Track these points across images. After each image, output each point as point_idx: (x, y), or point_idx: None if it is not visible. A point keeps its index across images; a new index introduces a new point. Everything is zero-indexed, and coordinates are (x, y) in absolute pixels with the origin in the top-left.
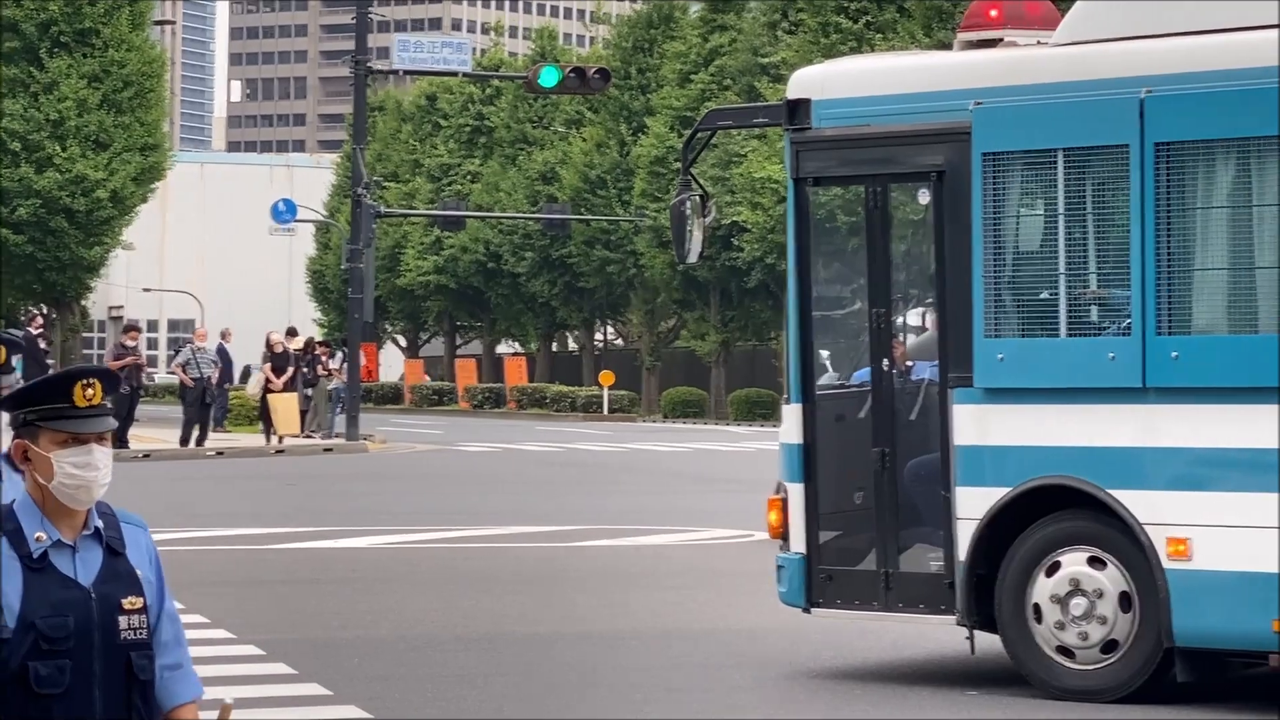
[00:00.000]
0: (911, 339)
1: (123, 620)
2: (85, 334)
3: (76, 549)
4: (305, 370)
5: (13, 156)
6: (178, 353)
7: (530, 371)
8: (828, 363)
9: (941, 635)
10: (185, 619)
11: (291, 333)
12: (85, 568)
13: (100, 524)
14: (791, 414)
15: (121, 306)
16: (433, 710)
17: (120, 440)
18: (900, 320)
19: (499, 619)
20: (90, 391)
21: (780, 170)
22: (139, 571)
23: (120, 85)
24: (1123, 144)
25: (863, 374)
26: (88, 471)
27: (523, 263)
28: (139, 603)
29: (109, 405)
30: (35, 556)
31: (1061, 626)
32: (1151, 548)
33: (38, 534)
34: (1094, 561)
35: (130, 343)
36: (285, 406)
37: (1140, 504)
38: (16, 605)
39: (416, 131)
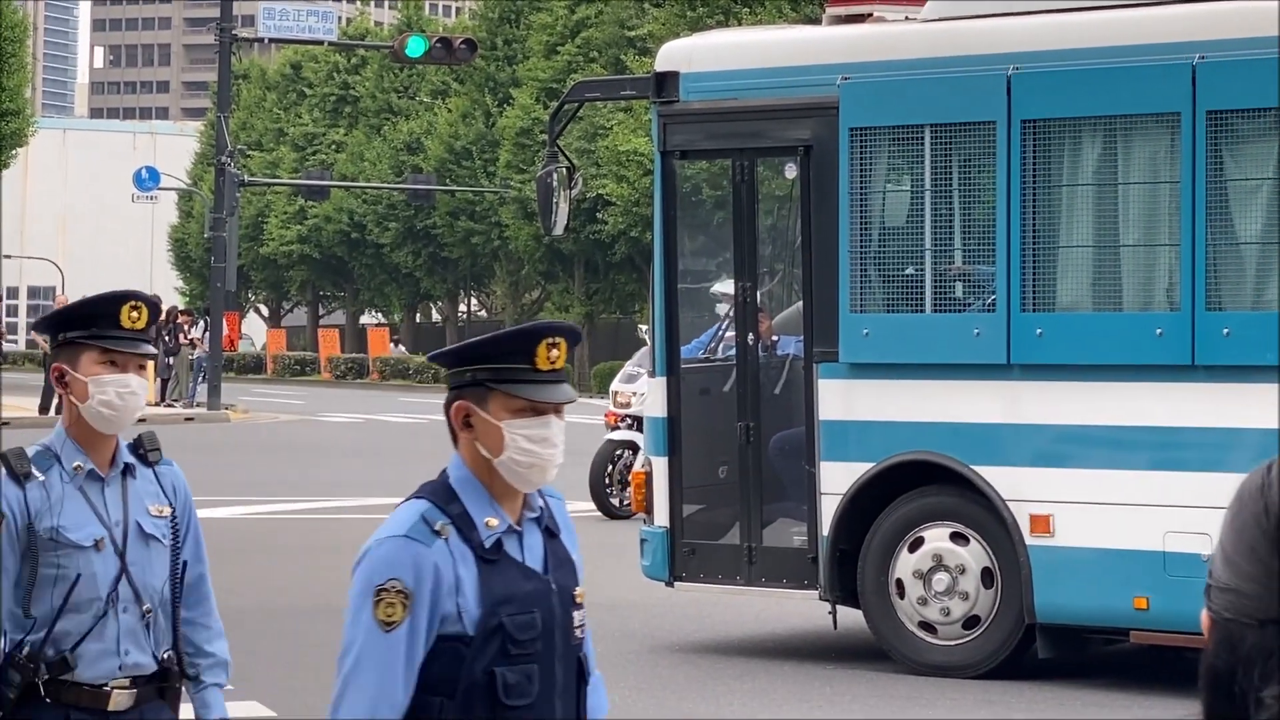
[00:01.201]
0: (777, 313)
1: (576, 615)
2: None
3: (522, 533)
4: (167, 339)
5: None
6: (38, 320)
7: (394, 340)
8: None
9: (804, 610)
10: None
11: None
12: (532, 555)
13: (540, 502)
14: (656, 387)
15: None
16: (293, 680)
17: None
18: (766, 294)
19: None
20: (555, 353)
21: (646, 143)
22: (574, 555)
23: None
24: (989, 120)
25: (700, 342)
26: (544, 448)
27: (387, 233)
28: (583, 594)
29: (564, 372)
30: (488, 545)
31: (924, 602)
32: (1014, 524)
33: (488, 518)
34: (957, 537)
35: None
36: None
37: (1003, 480)
38: (475, 604)
39: (281, 100)
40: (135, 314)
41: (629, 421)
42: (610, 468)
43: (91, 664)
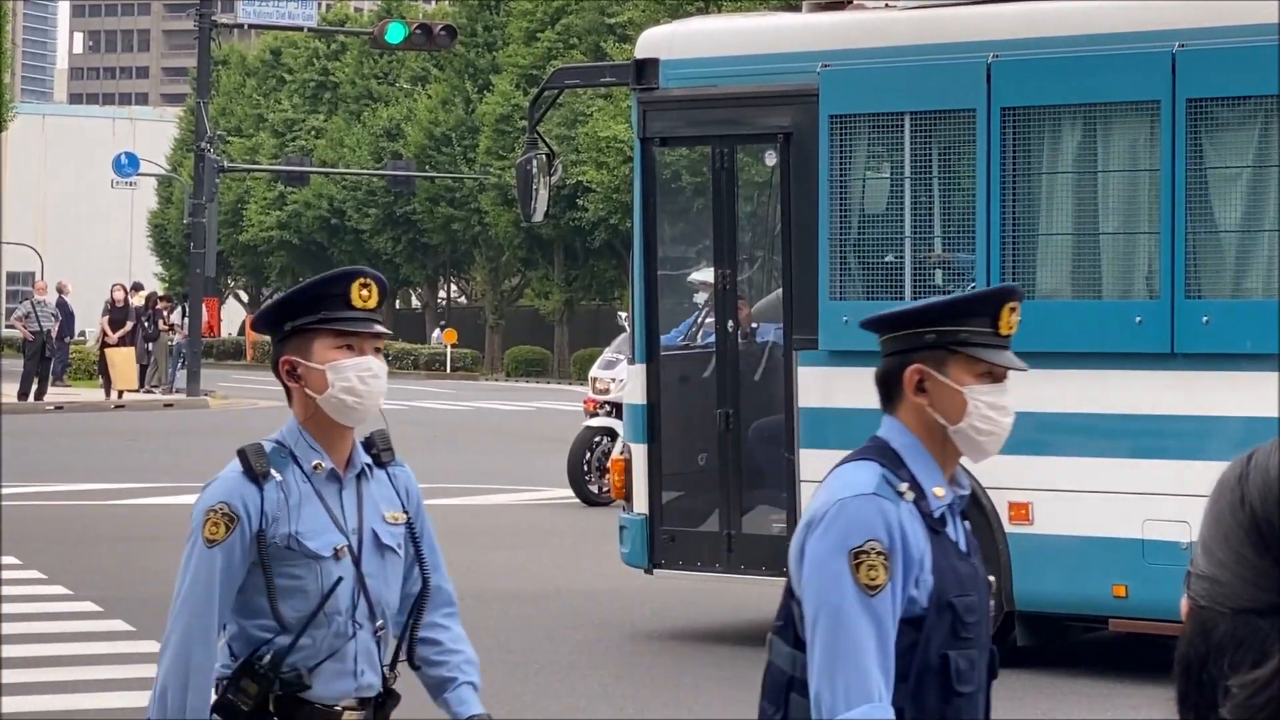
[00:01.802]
0: (757, 300)
1: (991, 605)
2: None
3: (952, 508)
4: (146, 325)
5: None
6: (17, 306)
7: None
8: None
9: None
10: (21, 575)
11: (136, 288)
12: (958, 533)
13: (968, 480)
14: (635, 374)
15: None
16: None
17: None
18: (746, 282)
19: None
20: (1015, 317)
21: (626, 130)
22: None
23: None
24: (969, 108)
25: (680, 329)
26: (1003, 416)
27: (366, 219)
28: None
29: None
30: (936, 516)
31: None
32: (993, 511)
33: (936, 488)
34: None
35: None
36: (122, 360)
37: (981, 468)
38: (930, 577)
39: (261, 86)
40: (365, 292)
41: (608, 408)
42: (588, 455)
43: (328, 683)
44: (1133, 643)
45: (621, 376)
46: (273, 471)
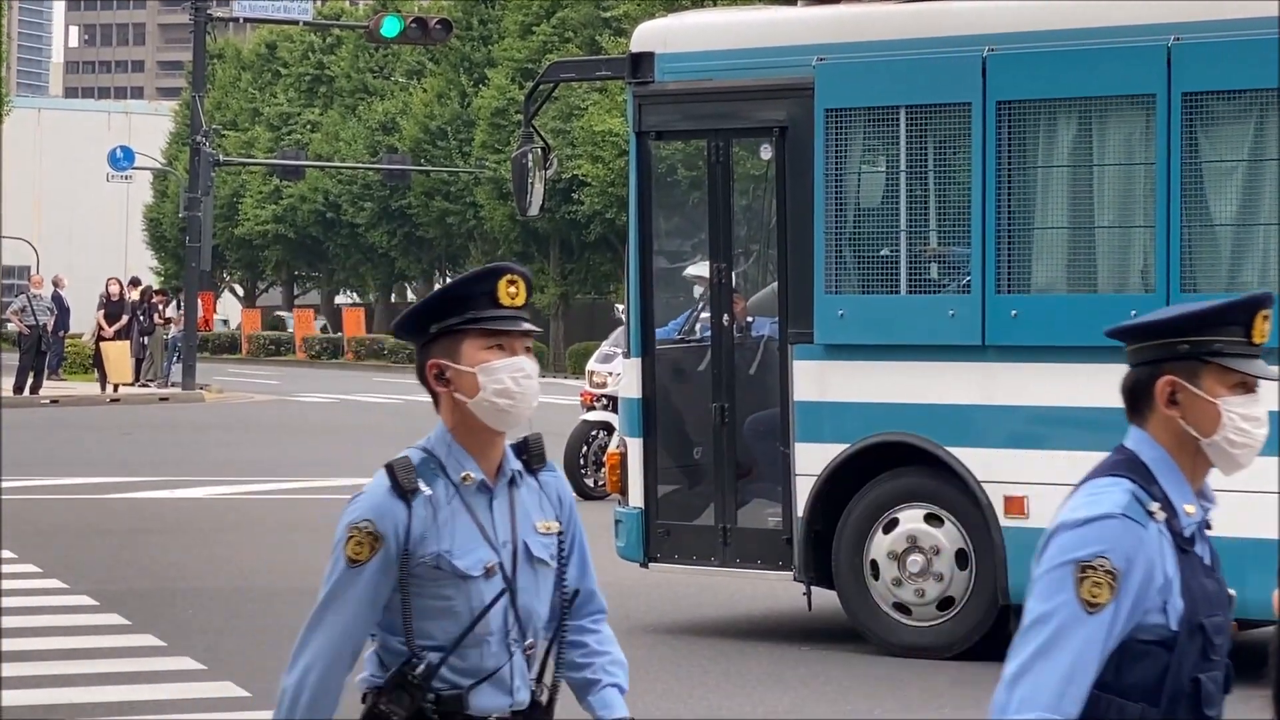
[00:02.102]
0: (752, 295)
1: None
2: None
3: (1199, 526)
4: (141, 319)
5: None
6: (13, 300)
7: (369, 322)
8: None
9: (779, 591)
10: (17, 569)
11: (134, 282)
12: (1207, 552)
13: (1213, 496)
14: (631, 368)
15: None
16: (267, 661)
17: None
18: (741, 275)
19: None
20: (1268, 326)
21: (621, 124)
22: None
23: None
24: (964, 102)
25: (676, 323)
26: (1257, 428)
27: (362, 213)
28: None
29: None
30: (1187, 535)
31: (898, 583)
32: (989, 505)
33: (1187, 506)
34: (931, 519)
35: None
36: (117, 354)
37: (978, 462)
38: (1180, 599)
39: (256, 80)
40: (513, 289)
41: (604, 402)
42: (585, 448)
43: (484, 700)
44: None
45: (618, 370)
46: (421, 486)
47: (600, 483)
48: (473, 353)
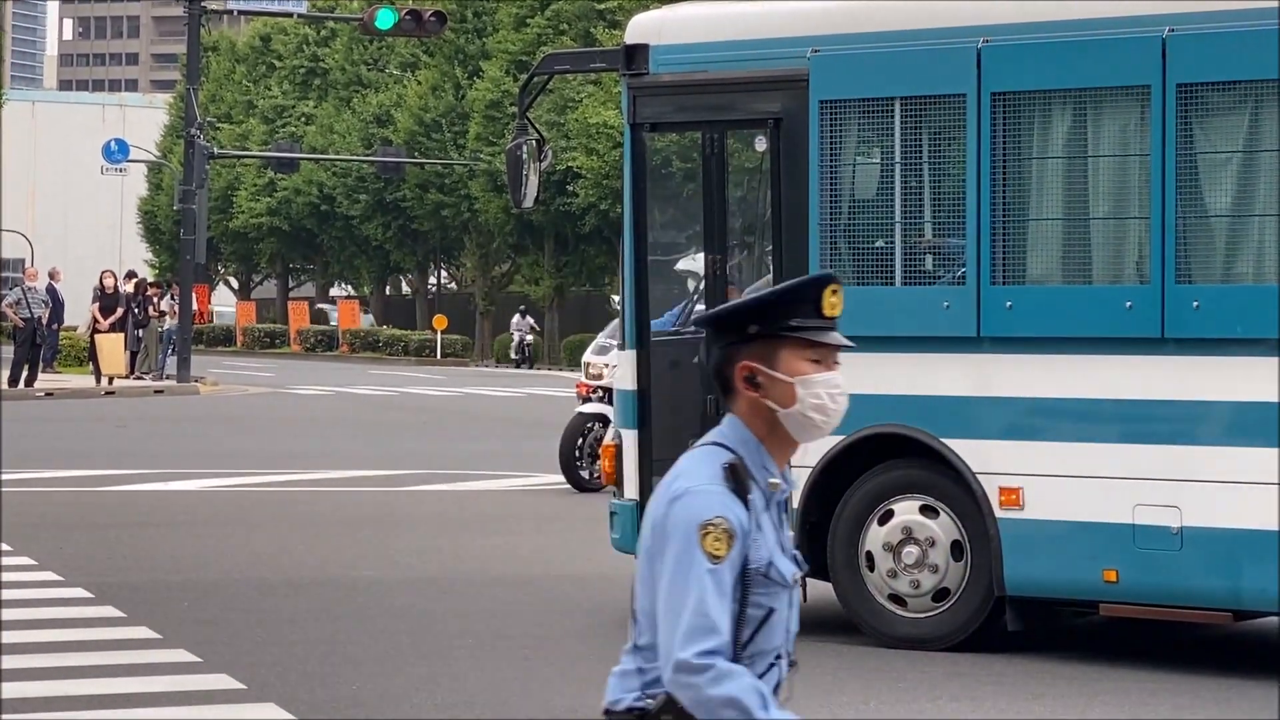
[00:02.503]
0: (747, 286)
1: None
2: None
3: None
4: (136, 311)
5: None
6: (8, 292)
7: (366, 313)
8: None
9: None
10: (12, 561)
11: (130, 275)
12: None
13: None
14: (625, 360)
15: None
16: (263, 653)
17: None
18: (736, 267)
19: (329, 563)
20: (836, 299)
21: (616, 116)
22: None
23: None
24: (959, 93)
25: (671, 315)
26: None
27: (356, 205)
28: None
29: None
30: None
31: (893, 574)
32: (984, 497)
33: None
34: (926, 510)
35: None
36: (111, 347)
37: (973, 453)
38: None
39: (250, 73)
40: (835, 299)
41: (600, 394)
42: (580, 440)
43: None
44: (1124, 627)
45: (614, 362)
46: (752, 490)
47: (596, 475)
48: (792, 362)
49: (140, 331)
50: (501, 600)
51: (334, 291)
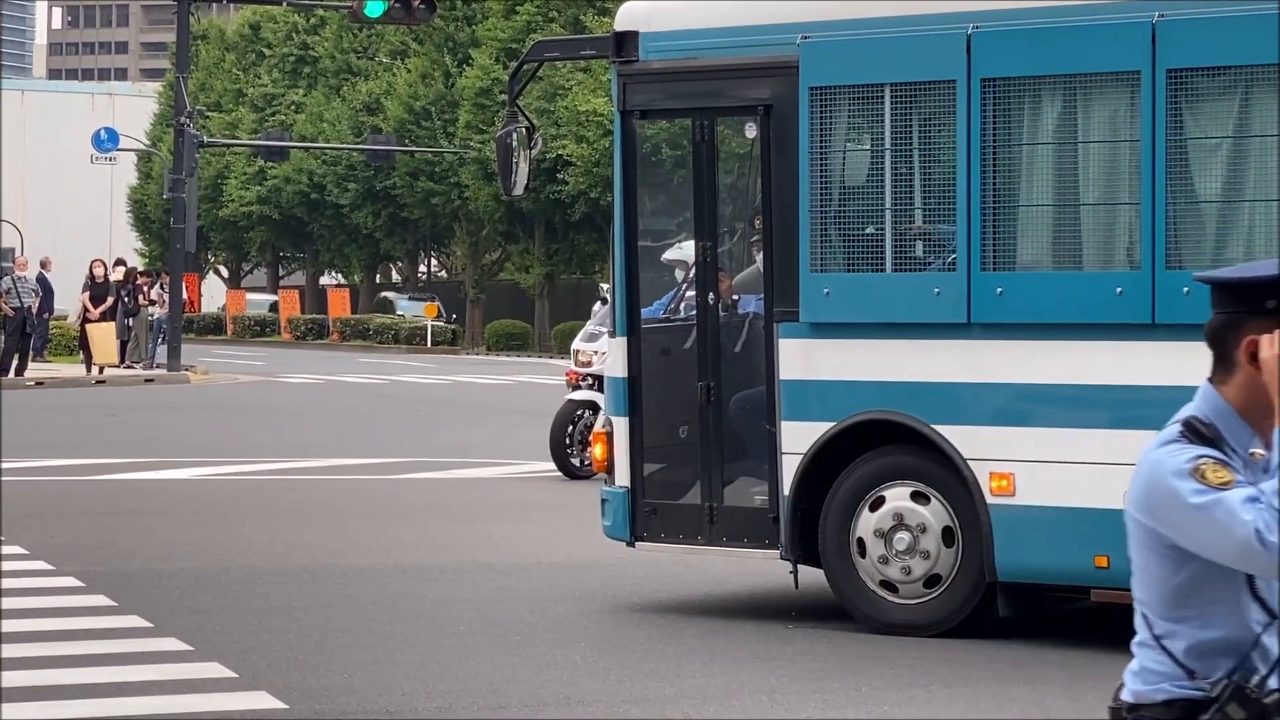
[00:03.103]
0: (738, 273)
1: None
2: None
3: None
4: (126, 300)
5: None
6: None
7: (353, 303)
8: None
9: (765, 569)
10: (3, 551)
11: (119, 263)
12: None
13: None
14: (617, 348)
15: None
16: (254, 641)
17: None
18: (726, 254)
19: (320, 551)
20: None
21: (606, 103)
22: None
23: None
24: (949, 79)
25: (661, 302)
26: None
27: (346, 194)
28: None
29: None
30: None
31: (885, 561)
32: (975, 483)
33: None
34: (917, 496)
35: None
36: (102, 336)
37: (964, 439)
38: None
39: (240, 61)
40: None
41: (590, 381)
42: (571, 428)
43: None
44: (1115, 613)
45: (603, 349)
46: (1224, 444)
47: (586, 462)
48: None
49: (130, 320)
50: (493, 587)
51: (324, 280)
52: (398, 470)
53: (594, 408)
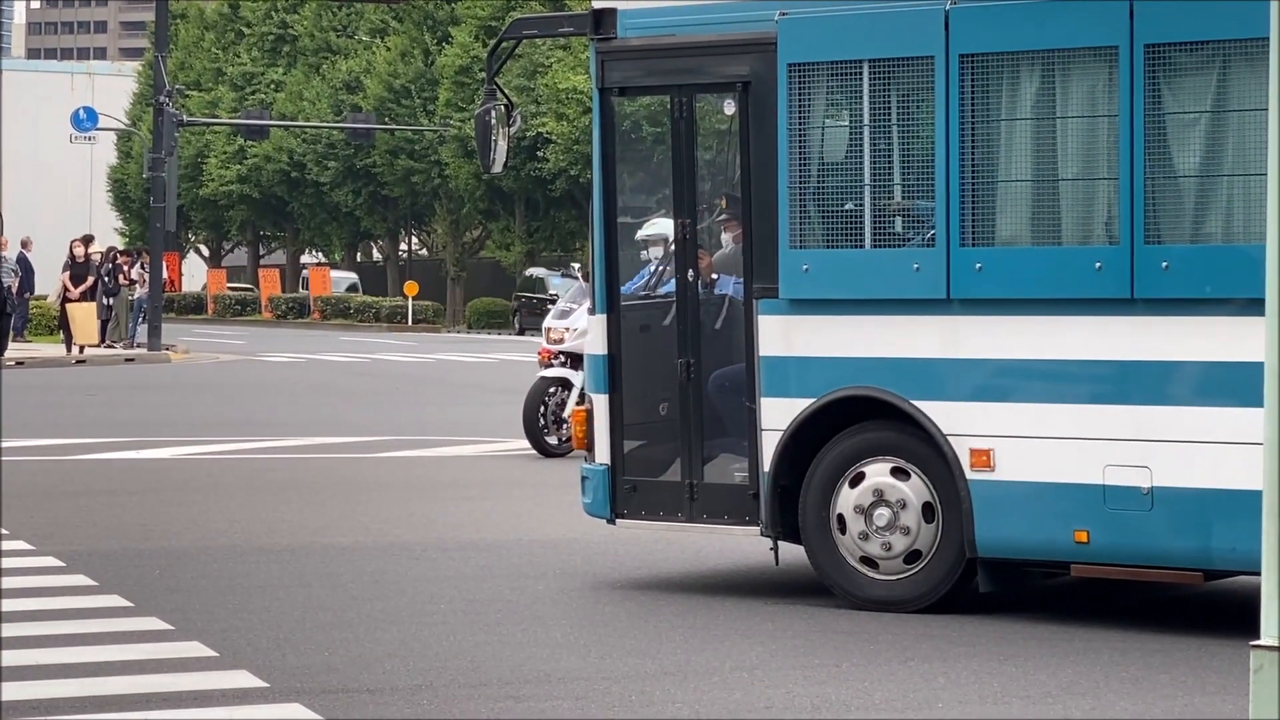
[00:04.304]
0: (717, 250)
1: None
2: None
3: None
4: (106, 280)
5: None
6: None
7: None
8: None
9: (746, 546)
10: None
11: (88, 240)
12: None
13: None
14: (596, 325)
15: None
16: (235, 620)
17: None
18: (705, 231)
19: (301, 530)
20: None
21: (585, 81)
22: None
23: None
24: (928, 55)
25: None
26: None
27: (327, 172)
28: None
29: None
30: None
31: (865, 537)
32: (955, 458)
33: None
34: (897, 472)
35: None
36: (83, 316)
37: (944, 415)
38: None
39: (219, 40)
40: None
41: (562, 359)
42: (543, 406)
43: None
44: (1095, 587)
45: (575, 326)
46: None
47: (565, 439)
48: None
49: (110, 300)
50: (473, 565)
51: (304, 259)
52: (379, 449)
53: (566, 385)
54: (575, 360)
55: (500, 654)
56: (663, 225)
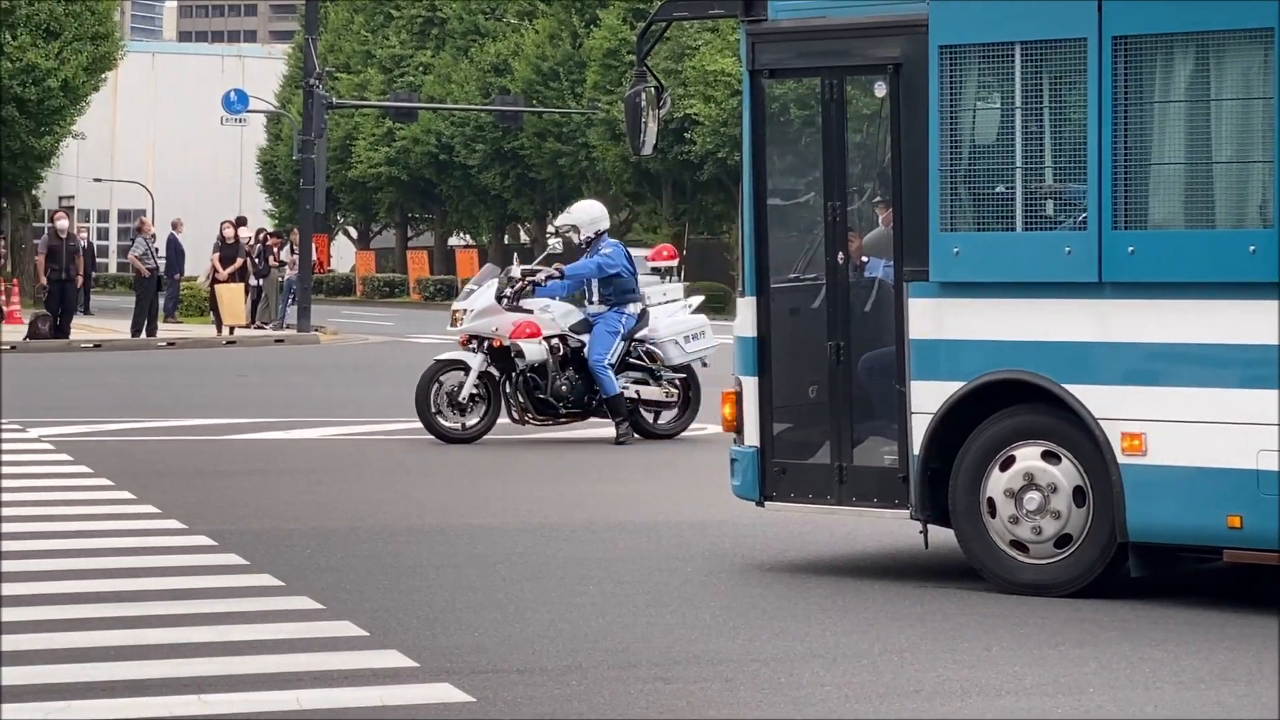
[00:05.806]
0: (867, 233)
1: None
2: (36, 224)
3: None
4: (256, 261)
5: None
6: (132, 243)
7: (483, 263)
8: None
9: (895, 529)
10: (137, 509)
11: (241, 222)
12: None
13: None
14: (745, 307)
15: (72, 196)
16: (385, 600)
17: (63, 330)
18: (856, 213)
19: (451, 510)
20: None
21: (734, 63)
22: None
23: None
24: (1080, 37)
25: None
26: None
27: (474, 155)
28: None
29: None
30: None
31: (1015, 521)
32: (1106, 442)
33: None
34: (1048, 456)
35: (62, 229)
36: (231, 297)
37: (1095, 399)
38: None
39: (369, 22)
40: None
41: (474, 343)
42: (436, 386)
43: None
44: (1248, 573)
45: (473, 307)
46: None
47: (467, 426)
48: None
49: (261, 281)
50: (622, 546)
51: (452, 241)
52: (525, 430)
53: (461, 367)
54: (474, 342)
55: (649, 635)
56: (576, 214)
